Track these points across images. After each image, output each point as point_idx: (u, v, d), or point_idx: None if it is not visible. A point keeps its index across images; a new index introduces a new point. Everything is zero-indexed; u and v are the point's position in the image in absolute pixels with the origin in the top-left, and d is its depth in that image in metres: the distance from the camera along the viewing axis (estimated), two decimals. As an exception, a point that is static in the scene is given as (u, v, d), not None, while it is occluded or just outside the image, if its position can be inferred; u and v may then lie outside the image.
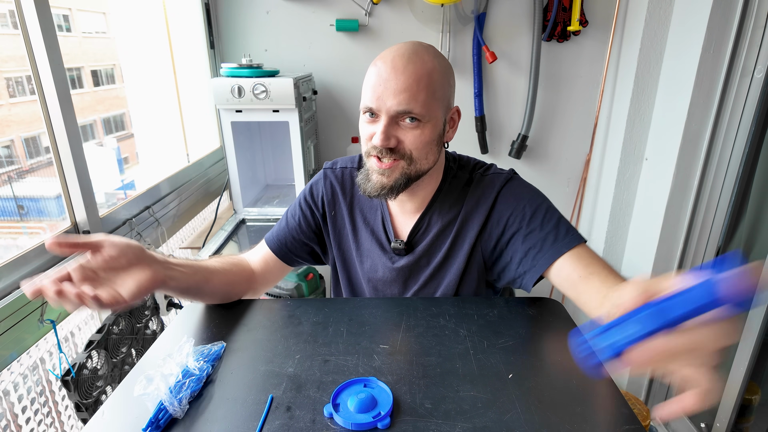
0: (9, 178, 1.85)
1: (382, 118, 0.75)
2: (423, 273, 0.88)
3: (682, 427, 1.66)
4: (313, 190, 0.95)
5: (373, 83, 0.74)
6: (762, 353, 1.34)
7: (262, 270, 0.94)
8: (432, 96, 0.74)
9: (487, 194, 0.84)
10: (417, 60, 0.73)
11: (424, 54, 0.75)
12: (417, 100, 0.73)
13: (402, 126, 0.75)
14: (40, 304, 0.92)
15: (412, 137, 0.75)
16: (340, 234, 0.94)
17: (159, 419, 0.56)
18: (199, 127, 1.82)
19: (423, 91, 0.73)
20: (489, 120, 1.90)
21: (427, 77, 0.73)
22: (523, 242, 0.79)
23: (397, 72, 0.72)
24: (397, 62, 0.73)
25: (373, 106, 0.75)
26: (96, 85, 4.22)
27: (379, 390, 0.60)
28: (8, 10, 0.94)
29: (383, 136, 0.74)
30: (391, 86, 0.72)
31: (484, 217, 0.83)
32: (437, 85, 0.75)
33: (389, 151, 0.76)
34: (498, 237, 0.83)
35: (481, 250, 0.85)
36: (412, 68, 0.72)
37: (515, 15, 1.77)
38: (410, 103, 0.72)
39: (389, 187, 0.78)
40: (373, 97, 0.74)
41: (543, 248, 0.77)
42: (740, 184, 1.41)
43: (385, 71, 0.73)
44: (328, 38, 1.81)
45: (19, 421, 0.97)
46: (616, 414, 0.57)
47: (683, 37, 1.46)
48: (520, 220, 0.80)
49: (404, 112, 0.73)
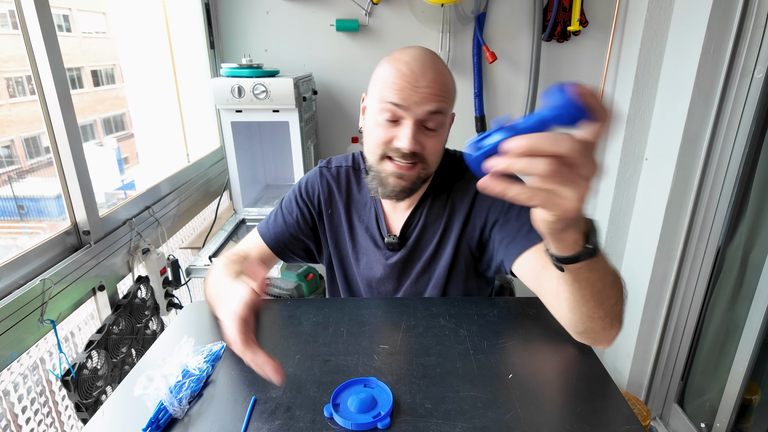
0: (9, 178, 1.84)
1: (406, 123, 0.75)
2: (415, 267, 0.89)
3: (682, 427, 1.66)
4: (309, 188, 0.95)
5: (397, 80, 0.74)
6: (762, 353, 1.34)
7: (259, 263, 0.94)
8: (451, 100, 0.79)
9: (470, 187, 0.86)
10: (436, 64, 0.76)
11: (440, 62, 0.78)
12: (444, 102, 0.76)
13: (424, 132, 0.77)
14: (40, 304, 0.92)
15: (433, 143, 0.78)
16: (336, 232, 0.94)
17: (159, 419, 0.56)
18: (199, 127, 1.82)
19: (448, 95, 0.77)
20: (489, 120, 1.90)
21: (449, 82, 0.78)
22: (499, 231, 0.81)
23: (420, 71, 0.74)
24: (416, 63, 0.74)
25: (401, 101, 0.74)
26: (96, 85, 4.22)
27: (379, 390, 0.60)
28: (8, 10, 0.94)
29: (414, 140, 0.75)
30: (419, 85, 0.73)
31: (468, 210, 0.85)
32: (453, 91, 0.80)
33: (412, 155, 0.77)
34: (481, 227, 0.84)
35: (467, 243, 0.86)
36: (435, 72, 0.75)
37: (515, 15, 1.77)
38: (440, 104, 0.75)
39: (408, 189, 0.81)
40: (399, 94, 0.74)
41: (515, 239, 0.78)
42: (740, 184, 1.41)
43: (408, 70, 0.74)
44: (328, 38, 1.81)
45: (19, 421, 0.97)
46: (616, 414, 0.57)
47: (683, 37, 1.46)
48: (500, 211, 0.82)
49: (435, 111, 0.75)
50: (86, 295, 1.08)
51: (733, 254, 1.45)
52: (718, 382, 1.46)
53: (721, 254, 1.51)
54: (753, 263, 1.37)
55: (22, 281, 0.91)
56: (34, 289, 0.90)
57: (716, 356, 1.52)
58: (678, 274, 1.60)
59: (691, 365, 1.65)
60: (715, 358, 1.52)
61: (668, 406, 1.75)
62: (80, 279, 1.03)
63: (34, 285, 0.91)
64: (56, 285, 0.95)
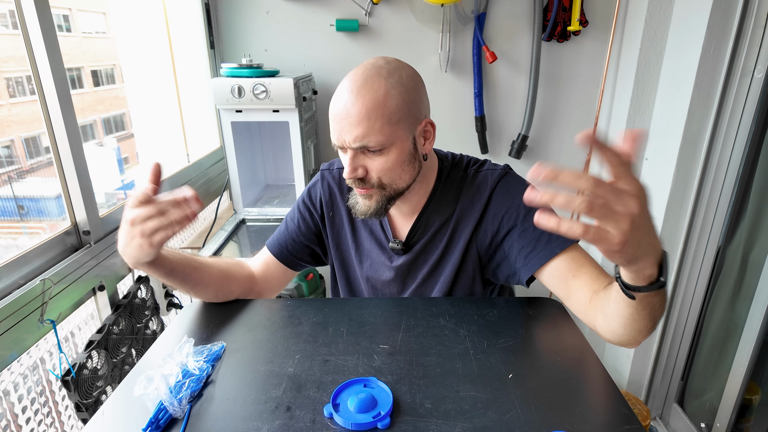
0: (9, 178, 1.84)
1: (348, 152, 0.77)
2: (420, 271, 0.89)
3: (682, 427, 1.66)
4: (311, 193, 0.96)
5: (332, 118, 0.77)
6: (762, 353, 1.34)
7: (262, 273, 0.94)
8: (388, 122, 0.73)
9: (482, 191, 0.84)
10: (366, 91, 0.73)
11: (375, 80, 0.73)
12: (373, 131, 0.73)
13: (367, 155, 0.77)
14: (40, 304, 0.92)
15: (378, 165, 0.77)
16: (338, 234, 0.94)
17: (159, 419, 0.56)
18: (199, 127, 1.82)
19: (377, 120, 0.73)
20: (489, 120, 1.90)
21: (379, 108, 0.73)
22: (518, 240, 0.80)
23: (348, 108, 0.73)
24: (350, 95, 0.74)
25: (337, 143, 0.77)
26: (96, 85, 4.21)
27: (379, 390, 0.60)
28: (8, 10, 0.94)
29: (350, 168, 0.77)
30: (346, 123, 0.74)
31: (479, 215, 0.84)
32: (393, 110, 0.74)
33: (361, 181, 0.78)
34: (493, 234, 0.83)
35: (476, 247, 0.85)
36: (362, 101, 0.72)
37: (515, 15, 1.77)
38: (365, 138, 0.73)
39: (374, 209, 0.81)
40: (335, 134, 0.77)
41: (536, 248, 0.77)
42: (740, 184, 1.41)
43: (340, 106, 0.75)
44: (328, 38, 1.81)
45: (19, 421, 0.97)
46: (616, 414, 0.57)
47: (683, 37, 1.46)
48: (515, 218, 0.80)
49: (362, 146, 0.74)
50: (86, 295, 1.08)
51: (733, 254, 1.45)
52: (718, 382, 1.46)
53: (721, 254, 1.51)
54: (753, 263, 1.37)
55: (22, 281, 0.91)
56: (34, 289, 0.90)
57: (716, 356, 1.52)
58: (678, 274, 1.60)
59: (691, 365, 1.65)
60: (715, 358, 1.52)
61: (668, 406, 1.75)
62: (80, 279, 1.03)
63: (34, 285, 0.91)
64: (56, 285, 0.95)
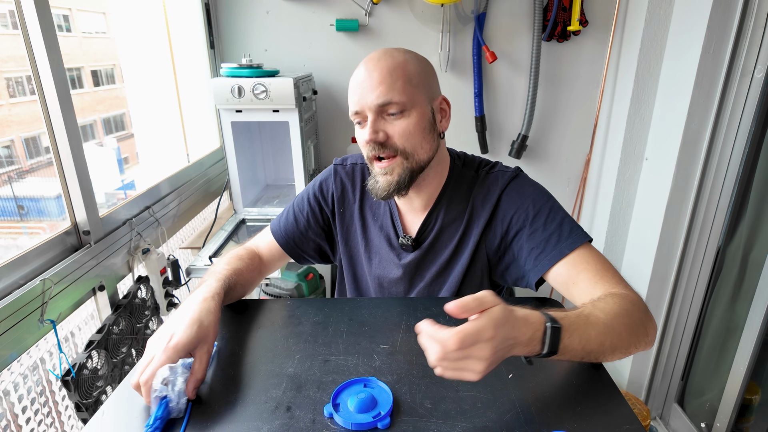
0: (9, 178, 1.84)
1: (368, 117, 0.77)
2: (429, 271, 0.88)
3: (682, 427, 1.66)
4: (323, 186, 0.95)
5: (353, 88, 0.79)
6: (762, 353, 1.34)
7: (268, 260, 0.94)
8: (409, 83, 0.76)
9: (492, 192, 0.84)
10: (387, 57, 0.77)
11: (394, 51, 0.79)
12: (394, 89, 0.75)
13: (388, 120, 0.77)
14: (40, 304, 0.92)
15: (400, 129, 0.77)
16: (348, 231, 0.93)
17: (159, 419, 0.56)
18: (199, 127, 1.82)
19: (399, 79, 0.75)
20: (489, 120, 1.90)
21: (400, 68, 0.76)
22: (527, 242, 0.79)
23: (370, 71, 0.76)
24: (369, 64, 0.77)
25: (357, 108, 0.78)
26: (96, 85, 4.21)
27: (379, 390, 0.60)
28: (8, 10, 0.94)
29: (371, 130, 0.77)
30: (367, 85, 0.76)
31: (489, 215, 0.83)
32: (412, 73, 0.77)
33: (382, 147, 0.78)
34: (502, 235, 0.83)
35: (485, 249, 0.85)
36: (384, 63, 0.76)
37: (515, 15, 1.77)
38: (388, 93, 0.75)
39: (395, 183, 0.79)
40: (356, 100, 0.78)
41: (545, 249, 0.77)
42: (740, 184, 1.41)
43: (361, 75, 0.77)
44: (328, 38, 1.81)
45: (19, 421, 0.97)
46: (616, 414, 0.57)
47: (683, 37, 1.46)
48: (524, 219, 0.80)
49: (385, 103, 0.75)
50: (86, 295, 1.08)
51: (733, 254, 1.45)
52: (718, 382, 1.46)
53: (721, 254, 1.51)
54: (753, 263, 1.37)
55: (22, 281, 0.91)
56: (34, 289, 0.90)
57: (716, 356, 1.52)
58: (678, 274, 1.60)
59: (691, 365, 1.65)
60: (715, 358, 1.52)
61: (668, 406, 1.75)
62: (80, 279, 1.03)
63: (34, 285, 0.91)
64: (56, 285, 0.96)
